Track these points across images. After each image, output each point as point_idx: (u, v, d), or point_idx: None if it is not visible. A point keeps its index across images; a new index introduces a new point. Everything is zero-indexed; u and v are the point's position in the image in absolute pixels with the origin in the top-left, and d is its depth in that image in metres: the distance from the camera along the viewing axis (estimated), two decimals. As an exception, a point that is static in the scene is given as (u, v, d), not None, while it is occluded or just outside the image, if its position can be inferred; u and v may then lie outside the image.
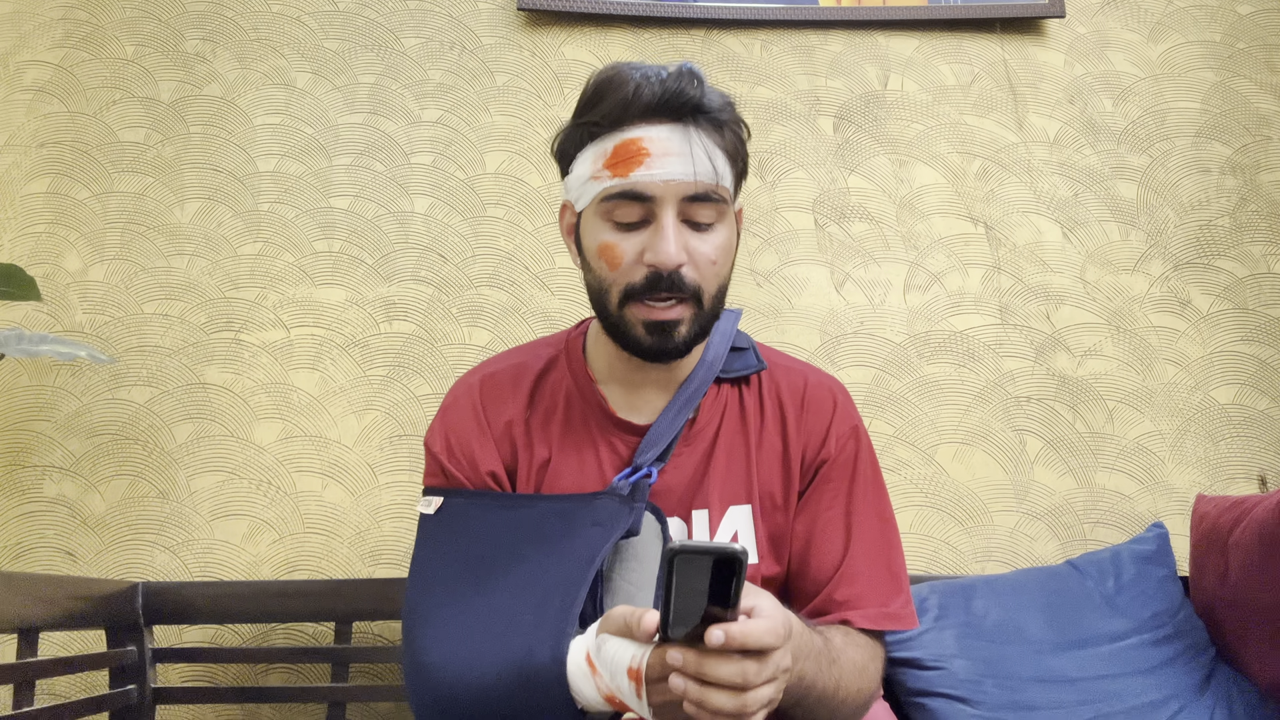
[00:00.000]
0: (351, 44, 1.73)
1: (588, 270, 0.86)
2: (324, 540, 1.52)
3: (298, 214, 1.65)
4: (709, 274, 0.83)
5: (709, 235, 0.82)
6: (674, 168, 0.80)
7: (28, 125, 1.67)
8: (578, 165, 0.85)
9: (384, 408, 1.57)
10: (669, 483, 0.88)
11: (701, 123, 0.82)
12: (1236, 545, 1.27)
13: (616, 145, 0.81)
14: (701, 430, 0.90)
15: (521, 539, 0.82)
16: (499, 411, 0.91)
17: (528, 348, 0.98)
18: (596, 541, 0.80)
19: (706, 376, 0.90)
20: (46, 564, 1.50)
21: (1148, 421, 1.62)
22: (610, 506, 0.82)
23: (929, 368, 1.63)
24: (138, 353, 1.58)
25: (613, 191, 0.81)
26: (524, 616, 0.75)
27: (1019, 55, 1.77)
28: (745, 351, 0.95)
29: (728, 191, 0.84)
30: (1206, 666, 1.30)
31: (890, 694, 1.33)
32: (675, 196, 0.80)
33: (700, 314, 0.83)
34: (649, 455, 0.87)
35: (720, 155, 0.82)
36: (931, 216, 1.70)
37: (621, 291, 0.82)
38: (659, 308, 0.81)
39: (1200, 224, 1.71)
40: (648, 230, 0.81)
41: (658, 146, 0.80)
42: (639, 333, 0.82)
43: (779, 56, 1.76)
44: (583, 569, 0.78)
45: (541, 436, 0.90)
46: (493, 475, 0.89)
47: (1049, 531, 1.56)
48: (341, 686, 1.34)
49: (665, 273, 0.80)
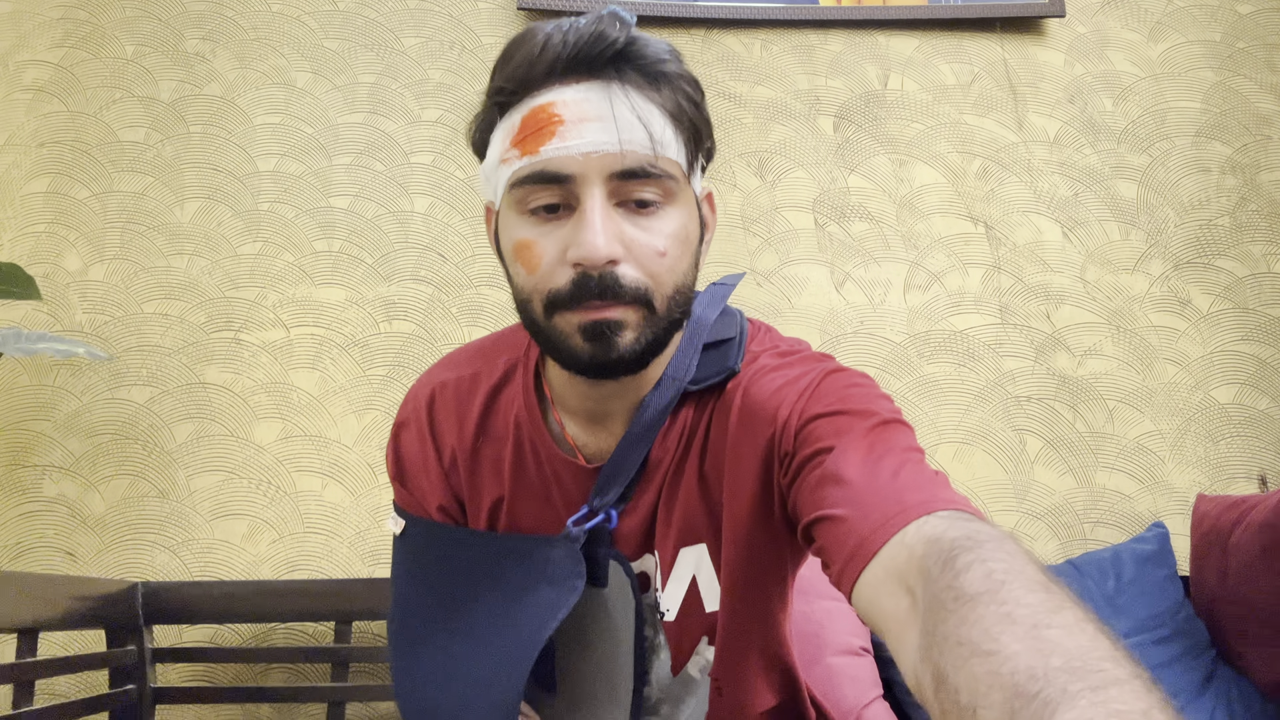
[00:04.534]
0: (351, 44, 1.73)
1: (509, 280, 0.69)
2: (324, 540, 1.52)
3: (297, 214, 1.65)
4: (658, 269, 0.64)
5: (654, 220, 0.64)
6: (594, 135, 0.62)
7: (28, 125, 1.67)
8: (490, 151, 0.68)
9: (384, 407, 1.57)
10: (629, 525, 0.75)
11: (629, 76, 0.64)
12: (1236, 545, 1.27)
13: (524, 117, 0.64)
14: (659, 462, 0.74)
15: (480, 581, 0.76)
16: (446, 436, 0.80)
17: (489, 349, 0.84)
18: (549, 603, 0.71)
19: (664, 399, 0.72)
20: (46, 564, 1.50)
21: (1148, 421, 1.62)
22: (564, 563, 0.72)
23: (929, 367, 1.63)
24: (137, 352, 1.58)
25: (521, 174, 0.64)
26: (478, 669, 0.73)
27: (1019, 55, 1.77)
28: (726, 345, 0.75)
29: (674, 164, 0.65)
30: (1206, 666, 1.30)
31: (890, 694, 1.33)
32: (600, 173, 0.62)
33: (653, 319, 0.64)
34: (608, 497, 0.73)
35: (659, 116, 0.64)
36: (931, 216, 1.69)
37: (544, 301, 0.64)
38: (593, 310, 0.63)
39: (1200, 224, 1.71)
40: (570, 220, 0.63)
41: (572, 111, 0.62)
42: (575, 343, 0.64)
43: (779, 56, 1.76)
44: (538, 630, 0.71)
45: (491, 471, 0.78)
46: (441, 509, 0.80)
47: (1049, 531, 1.56)
48: (341, 686, 1.34)
49: (594, 273, 0.62)
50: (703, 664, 0.80)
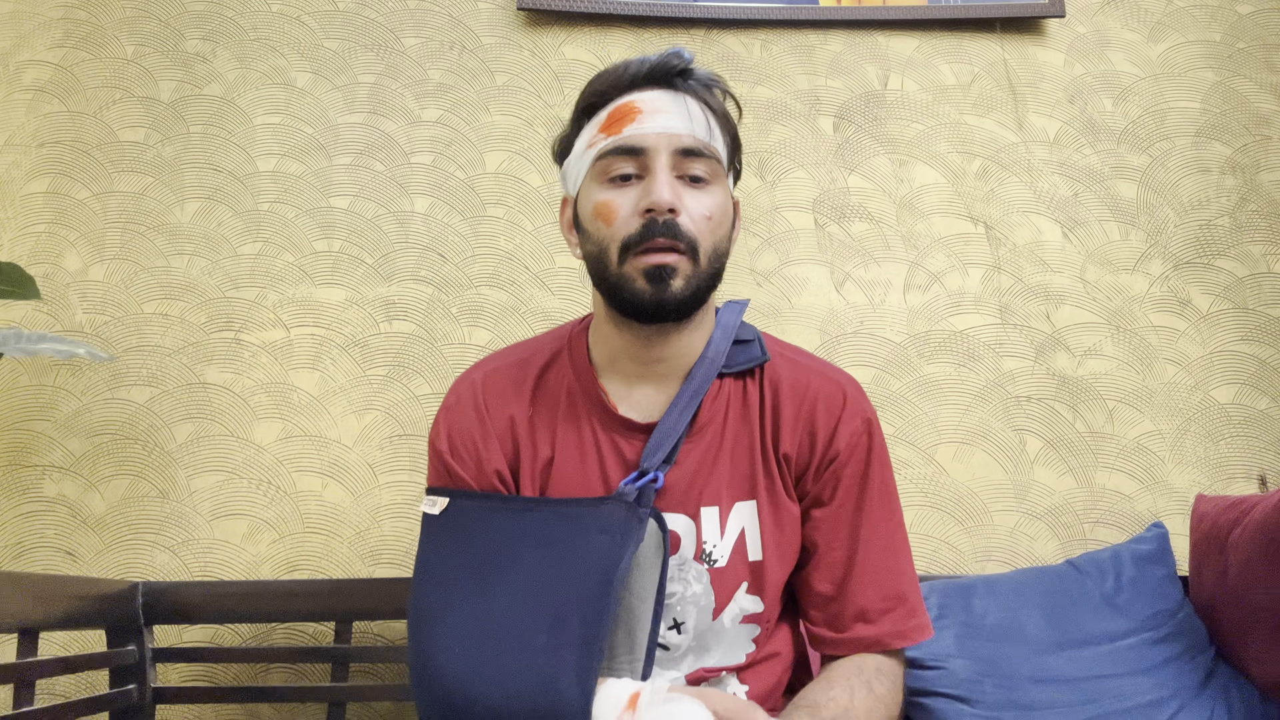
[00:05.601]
0: (351, 44, 1.73)
1: (586, 241, 0.86)
2: (324, 540, 1.52)
3: (298, 214, 1.65)
4: (704, 229, 0.82)
5: (703, 193, 0.83)
6: (665, 121, 0.82)
7: (28, 125, 1.67)
8: (576, 146, 0.87)
9: (384, 407, 1.57)
10: (673, 481, 0.86)
11: (692, 86, 0.85)
12: (1236, 545, 1.27)
13: (610, 111, 0.84)
14: (705, 426, 0.88)
15: (527, 544, 0.81)
16: (502, 409, 0.90)
17: (530, 343, 0.97)
18: (608, 554, 0.78)
19: (709, 372, 0.88)
20: (46, 564, 1.50)
21: (1148, 421, 1.62)
22: (617, 514, 0.81)
23: (929, 367, 1.63)
24: (137, 352, 1.58)
25: (607, 149, 0.82)
26: (538, 636, 0.74)
27: (1019, 55, 1.77)
28: (750, 344, 0.92)
29: (719, 154, 0.85)
30: (1206, 666, 1.30)
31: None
32: (668, 148, 0.81)
33: (697, 271, 0.81)
34: (655, 459, 0.85)
35: (712, 117, 0.85)
36: (931, 216, 1.70)
37: (620, 245, 0.81)
38: (656, 254, 0.80)
39: (1200, 224, 1.71)
40: (642, 184, 0.82)
41: (649, 105, 0.82)
42: (639, 285, 0.80)
43: (779, 56, 1.76)
44: (601, 590, 0.76)
45: (544, 435, 0.89)
46: (498, 474, 0.88)
47: (1049, 531, 1.57)
48: (341, 686, 1.34)
49: (660, 218, 0.79)
50: (735, 612, 0.88)
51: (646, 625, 0.81)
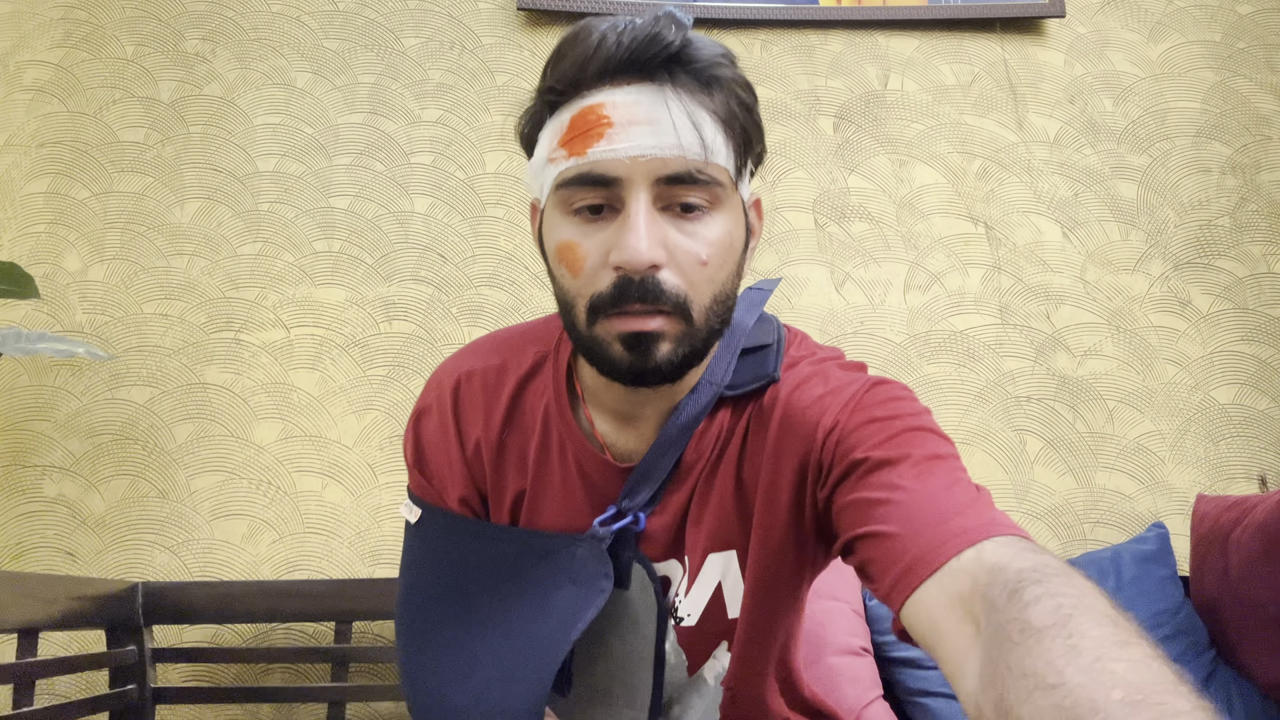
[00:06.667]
0: (351, 44, 1.73)
1: (553, 281, 0.68)
2: (324, 540, 1.52)
3: (298, 214, 1.65)
4: (698, 279, 0.63)
5: (699, 226, 0.63)
6: (642, 139, 0.61)
7: (28, 125, 1.67)
8: (539, 145, 0.68)
9: (384, 408, 1.57)
10: (654, 527, 0.74)
11: (681, 80, 0.63)
12: (1237, 545, 1.27)
13: (573, 116, 0.63)
14: (692, 465, 0.74)
15: (500, 576, 0.75)
16: (471, 426, 0.78)
17: (516, 341, 0.81)
18: (575, 604, 0.70)
19: (699, 401, 0.72)
20: (46, 564, 1.50)
21: (1148, 421, 1.62)
22: (589, 563, 0.71)
23: (929, 367, 1.63)
24: (137, 352, 1.58)
25: (568, 176, 0.63)
26: (498, 667, 0.72)
27: (1019, 55, 1.77)
28: (764, 352, 0.74)
29: (722, 170, 0.64)
30: (1207, 666, 1.30)
31: (890, 694, 1.33)
32: (646, 177, 0.61)
33: (690, 330, 0.64)
34: (638, 499, 0.72)
35: (709, 121, 0.63)
36: (931, 216, 1.70)
37: (587, 304, 0.64)
38: (632, 319, 0.62)
39: (1200, 224, 1.71)
40: (614, 223, 0.63)
41: (621, 113, 0.61)
42: (615, 351, 0.63)
43: (779, 56, 1.76)
44: (563, 631, 0.70)
45: (516, 463, 0.77)
46: (462, 501, 0.79)
47: (1049, 531, 1.56)
48: (341, 686, 1.34)
49: (635, 277, 0.61)
50: (718, 670, 0.80)
51: (646, 678, 0.76)
